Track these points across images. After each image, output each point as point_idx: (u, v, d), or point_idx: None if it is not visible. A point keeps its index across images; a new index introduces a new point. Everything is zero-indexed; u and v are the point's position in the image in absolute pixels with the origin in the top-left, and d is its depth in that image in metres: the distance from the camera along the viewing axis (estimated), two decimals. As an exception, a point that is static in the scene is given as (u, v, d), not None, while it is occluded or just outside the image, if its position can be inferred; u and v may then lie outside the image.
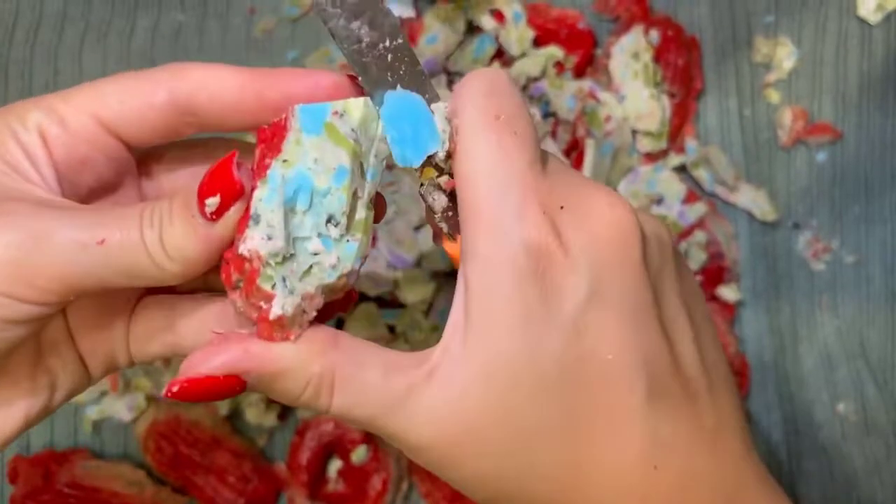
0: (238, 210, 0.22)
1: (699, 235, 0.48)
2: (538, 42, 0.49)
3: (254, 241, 0.22)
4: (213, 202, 0.22)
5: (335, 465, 0.47)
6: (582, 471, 0.23)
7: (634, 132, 0.48)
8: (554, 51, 0.48)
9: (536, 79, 0.48)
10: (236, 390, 0.23)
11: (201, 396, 0.22)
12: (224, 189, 0.22)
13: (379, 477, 0.46)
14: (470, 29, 0.49)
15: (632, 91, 0.48)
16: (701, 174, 0.49)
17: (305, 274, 0.23)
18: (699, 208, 0.48)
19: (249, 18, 0.50)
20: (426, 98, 0.24)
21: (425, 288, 0.44)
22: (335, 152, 0.22)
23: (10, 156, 0.23)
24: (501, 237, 0.22)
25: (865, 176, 0.49)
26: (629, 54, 0.48)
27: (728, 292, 0.48)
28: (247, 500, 0.46)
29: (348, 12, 0.22)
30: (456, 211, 0.24)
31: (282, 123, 0.22)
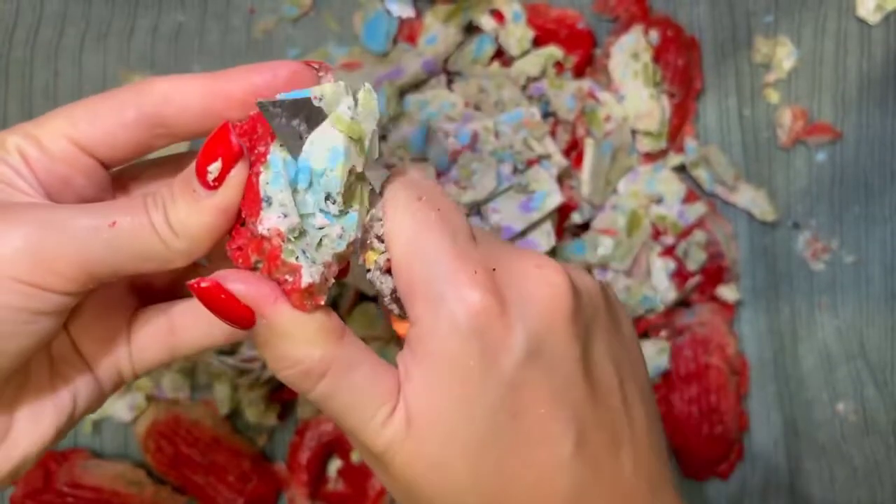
0: (239, 173, 0.23)
1: (699, 235, 0.48)
2: (538, 42, 0.49)
3: (271, 221, 0.23)
4: (215, 167, 0.23)
5: (335, 465, 0.47)
6: None
7: (634, 132, 0.48)
8: (553, 51, 0.48)
9: (536, 79, 0.48)
10: (243, 323, 0.23)
11: (214, 305, 0.23)
12: (224, 153, 0.23)
13: (379, 476, 0.46)
14: (469, 29, 0.49)
15: (631, 91, 0.48)
16: (700, 174, 0.49)
17: (318, 246, 0.24)
18: (699, 208, 0.48)
19: (249, 18, 0.50)
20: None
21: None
22: (328, 134, 0.23)
23: (2, 175, 0.24)
24: (438, 302, 0.23)
25: (865, 176, 0.49)
26: (629, 54, 0.48)
27: (728, 292, 0.48)
28: (247, 500, 0.46)
29: (288, 112, 0.23)
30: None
31: (256, 116, 0.23)
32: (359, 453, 0.25)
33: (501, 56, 0.49)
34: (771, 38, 0.50)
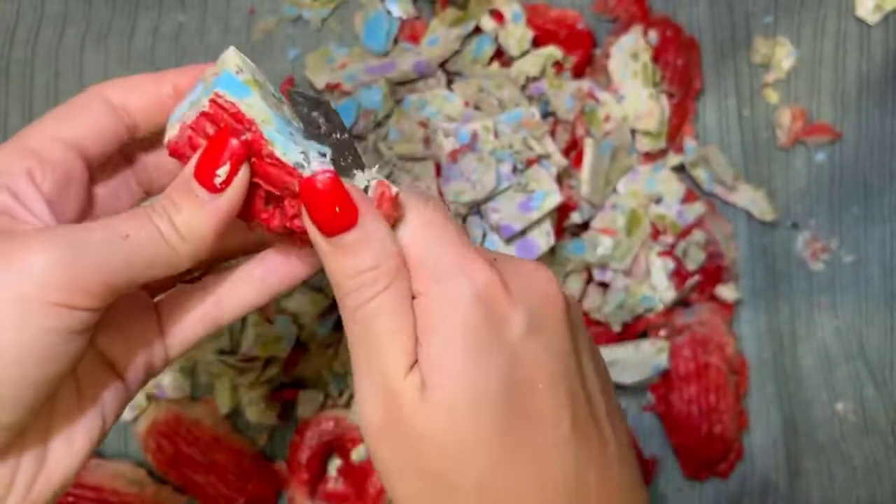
0: (244, 173, 0.24)
1: (698, 235, 0.48)
2: (537, 42, 0.49)
3: (318, 169, 0.25)
4: (224, 171, 0.24)
5: (335, 464, 0.47)
6: (506, 496, 0.25)
7: (633, 132, 0.49)
8: (553, 51, 0.48)
9: (536, 79, 0.48)
10: (348, 221, 0.25)
11: (329, 197, 0.24)
12: (232, 156, 0.24)
13: (379, 476, 0.46)
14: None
15: (631, 91, 0.48)
16: (700, 174, 0.49)
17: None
18: (698, 208, 0.48)
19: (249, 19, 0.50)
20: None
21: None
22: (269, 94, 0.26)
23: (6, 205, 0.25)
24: (449, 275, 0.25)
25: (864, 176, 0.49)
26: (628, 54, 0.48)
27: (727, 292, 0.48)
28: (247, 499, 0.46)
29: (310, 104, 0.26)
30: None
31: (203, 115, 0.25)
32: (361, 414, 0.26)
33: (501, 56, 0.49)
34: (770, 39, 0.50)
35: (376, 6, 0.49)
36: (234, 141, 0.24)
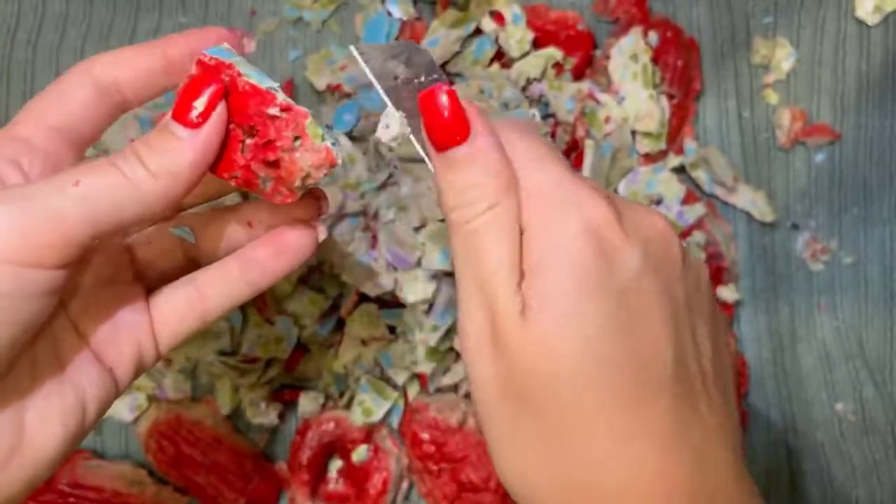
0: (223, 109, 0.24)
1: (698, 236, 0.48)
2: (537, 43, 0.49)
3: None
4: (201, 102, 0.24)
5: (336, 465, 0.47)
6: (603, 443, 0.24)
7: (633, 133, 0.49)
8: (553, 52, 0.48)
9: (536, 80, 0.48)
10: (461, 134, 0.25)
11: (445, 110, 0.25)
12: (210, 92, 0.24)
13: (379, 476, 0.46)
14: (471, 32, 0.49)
15: (631, 92, 0.48)
16: (700, 175, 0.49)
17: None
18: (698, 209, 0.48)
19: (250, 20, 0.50)
20: None
21: (425, 288, 0.45)
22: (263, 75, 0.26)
23: None
24: (560, 206, 0.25)
25: (864, 177, 0.49)
26: (628, 55, 0.48)
27: (727, 292, 0.48)
28: (248, 500, 0.46)
29: (386, 54, 0.25)
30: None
31: (203, 68, 0.25)
32: (460, 326, 0.26)
33: (501, 57, 0.49)
34: (770, 40, 0.50)
35: (377, 7, 0.49)
36: (213, 84, 0.24)
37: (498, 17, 0.48)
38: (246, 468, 0.46)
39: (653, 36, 0.49)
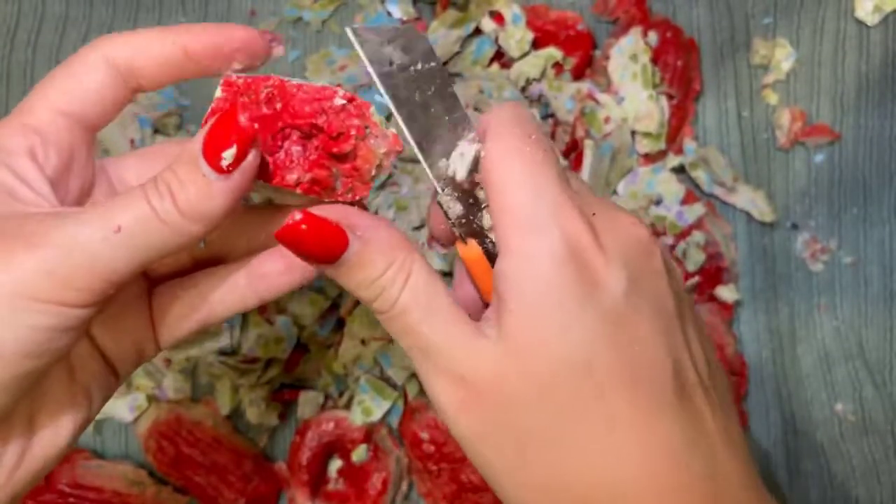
0: (255, 156, 0.23)
1: (697, 236, 0.48)
2: (537, 44, 0.49)
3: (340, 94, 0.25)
4: (230, 154, 0.23)
5: (335, 465, 0.47)
6: (607, 459, 0.24)
7: (633, 133, 0.49)
8: (553, 52, 0.48)
9: (535, 80, 0.48)
10: (338, 247, 0.24)
11: (312, 236, 0.23)
12: (239, 139, 0.23)
13: (379, 476, 0.46)
14: (470, 32, 0.49)
15: (630, 92, 0.48)
16: (699, 175, 0.49)
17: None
18: (698, 209, 0.48)
19: (250, 21, 0.50)
20: (454, 117, 0.25)
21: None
22: None
23: (3, 183, 0.24)
24: (538, 232, 0.24)
25: (863, 177, 0.49)
26: (628, 56, 0.48)
27: (726, 292, 0.48)
28: (248, 500, 0.46)
29: (382, 38, 0.24)
30: (469, 218, 0.26)
31: (234, 90, 0.25)
32: (434, 402, 0.25)
33: (501, 58, 0.49)
34: (769, 40, 0.50)
35: (377, 8, 0.49)
36: (243, 118, 0.23)
37: (498, 18, 0.48)
38: (246, 468, 0.46)
39: (652, 36, 0.49)
